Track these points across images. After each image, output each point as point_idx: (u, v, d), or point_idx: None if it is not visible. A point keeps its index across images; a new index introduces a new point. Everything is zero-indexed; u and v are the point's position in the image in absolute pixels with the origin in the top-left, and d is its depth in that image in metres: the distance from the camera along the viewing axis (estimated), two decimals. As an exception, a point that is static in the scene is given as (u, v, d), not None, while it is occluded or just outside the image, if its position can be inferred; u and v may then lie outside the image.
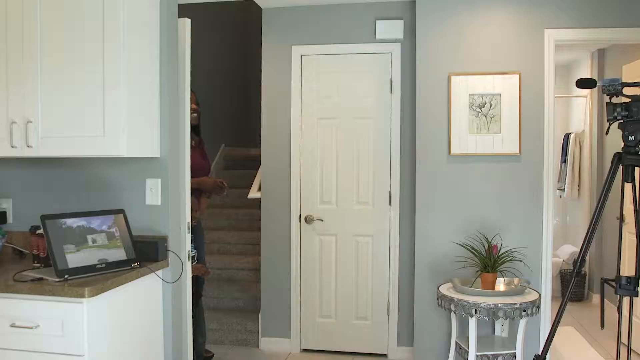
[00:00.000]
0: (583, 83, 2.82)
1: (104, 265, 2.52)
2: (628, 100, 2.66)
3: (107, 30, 2.55)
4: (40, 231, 2.62)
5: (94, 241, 2.57)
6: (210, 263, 5.53)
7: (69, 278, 2.39)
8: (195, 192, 3.91)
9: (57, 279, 2.37)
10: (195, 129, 4.01)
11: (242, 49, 7.04)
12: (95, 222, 2.61)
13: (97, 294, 2.32)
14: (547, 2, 3.93)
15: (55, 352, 2.32)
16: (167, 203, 2.89)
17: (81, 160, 2.99)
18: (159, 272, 2.82)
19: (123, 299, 2.55)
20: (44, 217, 2.47)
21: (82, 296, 2.27)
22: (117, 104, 2.55)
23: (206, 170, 4.04)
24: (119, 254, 2.61)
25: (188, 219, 3.11)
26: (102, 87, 2.56)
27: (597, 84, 2.79)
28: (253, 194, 5.79)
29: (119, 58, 2.55)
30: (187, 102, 3.09)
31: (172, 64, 2.92)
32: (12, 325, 2.35)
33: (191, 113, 3.87)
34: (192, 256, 3.65)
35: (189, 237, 3.10)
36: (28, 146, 2.65)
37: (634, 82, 2.69)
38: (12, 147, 2.68)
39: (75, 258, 2.46)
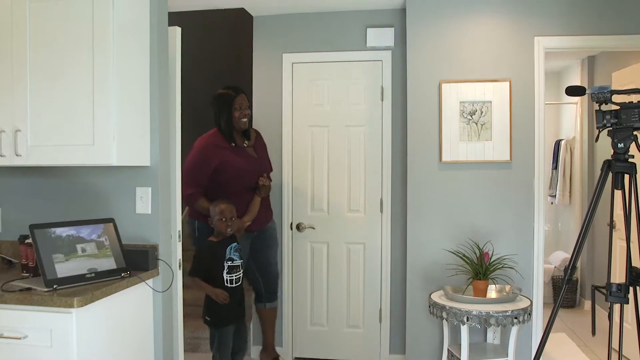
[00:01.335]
0: (572, 91, 2.83)
1: (93, 275, 2.51)
2: (617, 107, 2.67)
3: (96, 39, 2.54)
4: (29, 240, 2.60)
5: (83, 250, 2.55)
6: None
7: (58, 288, 2.37)
8: (240, 196, 3.84)
9: (46, 289, 2.35)
10: (245, 133, 3.97)
11: (233, 56, 7.03)
12: (84, 231, 2.60)
13: (86, 304, 2.30)
14: (537, 9, 3.95)
15: (43, 363, 2.30)
16: (157, 212, 2.88)
17: (70, 169, 2.97)
18: (150, 281, 2.80)
19: (113, 309, 2.53)
20: (32, 227, 2.46)
21: (71, 306, 2.25)
22: (107, 113, 2.54)
23: (261, 170, 3.99)
24: (108, 263, 2.59)
25: (179, 227, 3.09)
26: (91, 96, 2.55)
27: (587, 92, 2.80)
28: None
29: (109, 66, 2.54)
30: (177, 110, 3.08)
31: (163, 72, 2.92)
32: (0, 336, 2.32)
33: (241, 118, 3.81)
34: (235, 265, 3.59)
35: (179, 245, 3.09)
36: (17, 155, 2.64)
37: (623, 90, 2.71)
38: (1, 156, 2.66)
39: (64, 267, 2.44)
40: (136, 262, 2.73)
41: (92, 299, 2.33)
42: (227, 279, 3.54)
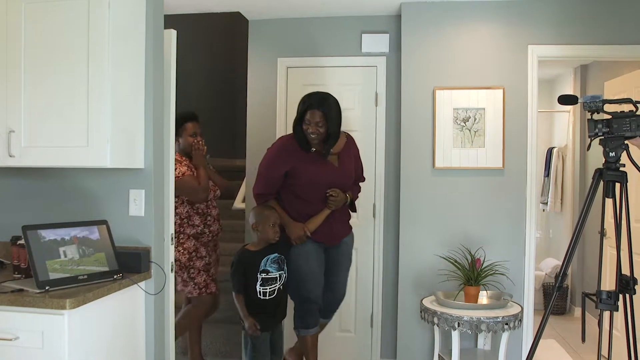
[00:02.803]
0: (565, 99, 2.85)
1: (85, 277, 2.50)
2: (609, 117, 2.70)
3: (92, 40, 2.54)
4: (22, 242, 2.59)
5: (76, 252, 2.54)
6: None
7: (50, 289, 2.36)
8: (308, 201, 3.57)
9: (38, 290, 2.34)
10: (326, 140, 3.53)
11: (228, 60, 7.04)
12: (77, 233, 2.59)
13: (78, 306, 2.29)
14: (531, 18, 3.98)
15: (34, 364, 2.30)
16: (150, 214, 2.87)
17: (64, 171, 2.96)
18: (142, 284, 2.79)
19: (105, 311, 2.52)
20: (25, 228, 2.45)
21: (63, 308, 2.25)
22: (102, 115, 2.54)
23: (341, 181, 3.60)
24: (101, 266, 2.59)
25: (171, 230, 3.09)
26: (86, 98, 2.55)
27: (579, 101, 2.82)
28: (237, 204, 5.77)
29: (104, 69, 2.54)
30: (172, 112, 3.08)
31: (158, 75, 2.91)
32: (-9, 337, 2.32)
33: (309, 133, 3.44)
34: (271, 277, 3.38)
35: (172, 248, 3.08)
36: (10, 156, 2.63)
37: (615, 99, 2.73)
38: (-5, 156, 2.66)
39: (56, 269, 2.43)
40: (129, 264, 2.72)
41: (84, 300, 2.33)
42: (260, 291, 3.36)
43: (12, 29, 2.62)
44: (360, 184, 3.90)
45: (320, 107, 3.44)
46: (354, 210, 3.83)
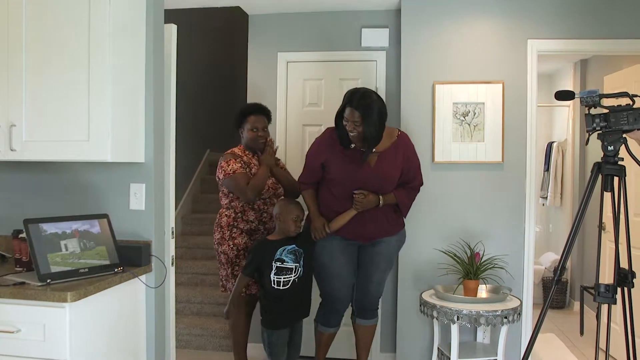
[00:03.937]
0: (562, 95, 2.85)
1: (87, 270, 2.52)
2: (606, 111, 2.70)
3: (92, 36, 2.56)
4: (23, 235, 2.61)
5: (77, 246, 2.56)
6: (194, 268, 5.50)
7: (52, 282, 2.38)
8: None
9: (40, 284, 2.36)
10: (368, 143, 3.38)
11: (228, 53, 7.04)
12: (78, 227, 2.61)
13: (79, 299, 2.31)
14: (530, 13, 3.98)
15: (36, 357, 2.32)
16: (151, 208, 2.89)
17: (65, 165, 2.98)
18: (143, 277, 2.81)
19: (106, 304, 2.54)
20: (26, 221, 2.47)
21: (65, 301, 2.26)
22: (102, 109, 2.56)
23: (376, 182, 3.45)
24: (102, 259, 2.60)
25: (172, 223, 3.10)
26: (87, 92, 2.56)
27: (576, 96, 2.83)
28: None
29: (105, 63, 2.55)
30: (172, 106, 3.09)
31: (158, 69, 2.93)
32: (-7, 330, 2.34)
33: (349, 131, 3.32)
34: (286, 267, 3.37)
35: (172, 242, 3.10)
36: (12, 150, 2.64)
37: (612, 94, 2.74)
38: (-4, 150, 2.67)
39: (58, 262, 2.45)
40: (129, 258, 2.74)
41: (85, 294, 2.35)
42: (274, 280, 3.35)
43: (14, 24, 2.63)
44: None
45: (358, 107, 3.28)
46: (403, 215, 3.66)
